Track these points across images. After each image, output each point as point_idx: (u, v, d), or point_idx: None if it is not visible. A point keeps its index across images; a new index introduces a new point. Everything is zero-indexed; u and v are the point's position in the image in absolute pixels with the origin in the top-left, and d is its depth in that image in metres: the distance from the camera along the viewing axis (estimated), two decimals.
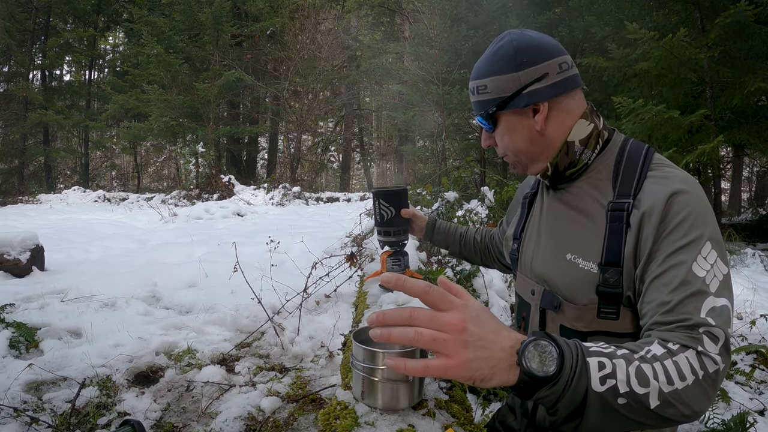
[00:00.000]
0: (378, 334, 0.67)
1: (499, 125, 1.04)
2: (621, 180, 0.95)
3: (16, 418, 2.11)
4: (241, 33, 15.73)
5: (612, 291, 0.92)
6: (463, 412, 0.89)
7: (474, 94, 1.05)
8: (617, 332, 0.94)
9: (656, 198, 0.87)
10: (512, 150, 1.05)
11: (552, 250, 1.05)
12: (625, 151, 1.00)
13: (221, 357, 2.84)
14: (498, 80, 1.00)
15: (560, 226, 1.05)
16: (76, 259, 5.19)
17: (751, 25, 5.28)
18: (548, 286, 1.05)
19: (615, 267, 0.91)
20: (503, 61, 0.99)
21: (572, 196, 1.04)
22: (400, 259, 1.58)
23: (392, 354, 0.80)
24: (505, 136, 1.04)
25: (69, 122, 16.84)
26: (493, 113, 1.02)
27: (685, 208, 0.85)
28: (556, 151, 1.01)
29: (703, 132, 5.95)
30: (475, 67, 1.05)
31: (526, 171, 1.09)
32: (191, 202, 12.22)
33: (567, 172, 1.03)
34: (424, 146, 14.34)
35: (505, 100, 0.99)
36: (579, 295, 0.97)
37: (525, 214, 1.21)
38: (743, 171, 11.89)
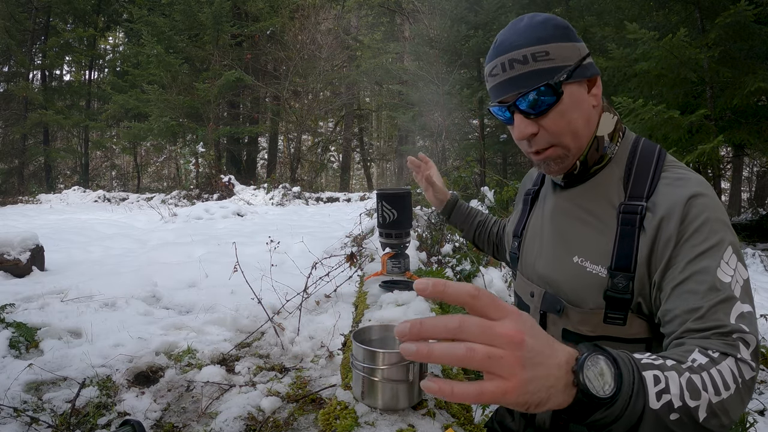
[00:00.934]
0: (414, 351, 0.51)
1: (563, 100, 0.89)
2: (633, 180, 0.91)
3: (16, 418, 2.11)
4: (241, 33, 15.73)
5: (620, 296, 0.88)
6: (463, 412, 0.89)
7: (526, 62, 0.88)
8: (624, 338, 0.90)
9: (674, 201, 0.84)
10: (570, 133, 0.91)
11: (558, 252, 1.00)
12: (638, 150, 0.95)
13: (221, 357, 2.84)
14: (560, 47, 0.89)
15: (567, 226, 0.99)
16: (76, 259, 5.19)
17: (751, 25, 5.28)
18: (551, 288, 1.00)
19: (625, 272, 0.87)
20: (559, 29, 0.90)
21: (581, 196, 0.98)
22: (400, 261, 1.58)
23: (394, 354, 0.80)
24: (567, 113, 0.90)
25: (69, 122, 16.84)
26: (562, 82, 0.88)
27: (704, 211, 0.82)
28: (587, 147, 0.95)
29: (703, 132, 5.95)
30: (516, 37, 0.90)
31: (562, 169, 0.97)
32: (191, 202, 12.22)
33: (593, 168, 0.97)
34: (424, 146, 14.34)
35: (572, 68, 0.88)
36: (585, 300, 0.93)
37: (527, 211, 1.15)
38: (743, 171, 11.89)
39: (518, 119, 0.91)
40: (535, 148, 0.94)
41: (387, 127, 22.68)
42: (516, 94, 0.89)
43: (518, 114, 0.91)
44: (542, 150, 0.94)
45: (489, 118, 11.21)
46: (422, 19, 11.99)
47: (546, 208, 1.07)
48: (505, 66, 0.90)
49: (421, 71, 10.65)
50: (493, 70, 0.92)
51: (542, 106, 0.89)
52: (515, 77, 0.89)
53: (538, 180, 1.16)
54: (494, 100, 0.95)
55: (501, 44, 0.91)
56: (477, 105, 10.35)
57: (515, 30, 0.91)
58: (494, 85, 0.93)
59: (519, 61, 0.88)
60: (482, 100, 10.15)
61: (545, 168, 0.97)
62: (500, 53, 0.91)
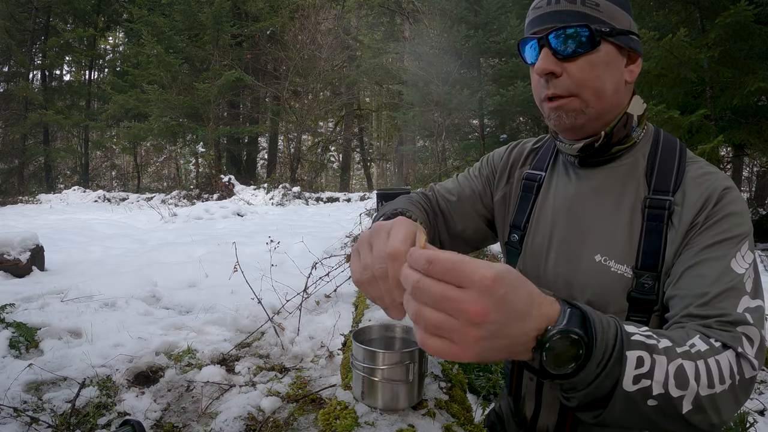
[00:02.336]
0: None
1: (596, 53, 0.83)
2: (657, 174, 0.87)
3: (16, 418, 2.11)
4: (241, 33, 15.73)
5: (645, 298, 0.82)
6: (463, 412, 0.89)
7: (574, 2, 0.83)
8: None
9: (706, 193, 0.81)
10: (594, 88, 0.84)
11: (577, 250, 0.91)
12: (659, 142, 0.91)
13: (221, 357, 2.84)
14: (612, 7, 0.85)
15: (588, 220, 0.91)
16: (76, 259, 5.19)
17: (751, 25, 5.28)
18: (569, 290, 0.91)
19: (651, 272, 0.82)
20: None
21: (603, 187, 0.91)
22: None
23: (394, 354, 0.80)
24: (597, 69, 0.84)
25: (69, 122, 16.84)
26: (602, 35, 0.83)
27: (733, 203, 0.81)
28: (616, 119, 0.88)
29: (703, 132, 5.94)
30: None
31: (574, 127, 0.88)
32: (191, 202, 12.22)
33: (614, 147, 0.90)
34: (424, 146, 14.34)
35: (618, 29, 0.84)
36: (609, 303, 0.85)
37: (531, 199, 1.02)
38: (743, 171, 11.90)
39: (544, 53, 0.84)
40: (552, 90, 0.85)
41: (387, 127, 22.68)
42: (552, 27, 0.83)
43: (546, 49, 0.84)
44: (558, 96, 0.85)
45: (489, 118, 11.21)
46: (422, 19, 11.99)
47: (559, 198, 0.97)
48: (551, 0, 0.84)
49: (421, 71, 10.65)
50: (538, 2, 0.87)
51: (573, 48, 0.82)
52: (557, 11, 0.83)
53: (543, 164, 1.04)
54: (528, 33, 0.88)
55: None
56: (477, 105, 10.35)
57: None
58: (534, 17, 0.87)
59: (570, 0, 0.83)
60: (482, 100, 10.15)
61: (555, 120, 0.87)
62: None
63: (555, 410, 0.97)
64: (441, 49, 10.31)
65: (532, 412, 1.01)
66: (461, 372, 1.03)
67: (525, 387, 1.03)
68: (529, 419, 1.02)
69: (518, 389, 1.05)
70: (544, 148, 1.07)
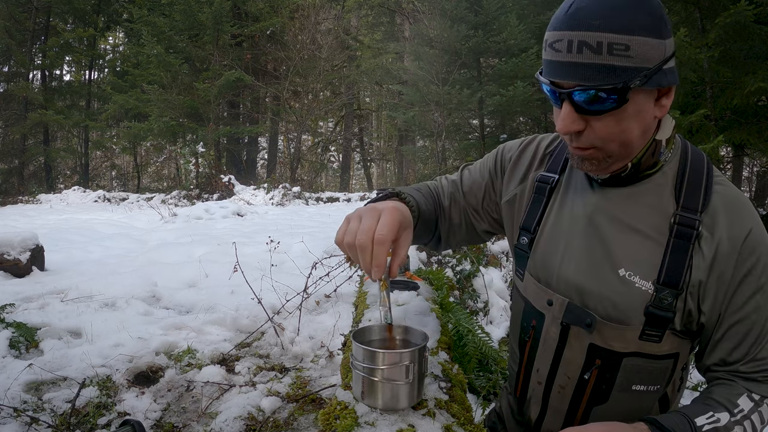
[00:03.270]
0: None
1: (627, 106, 0.76)
2: (686, 191, 0.84)
3: (16, 418, 2.11)
4: (241, 33, 15.72)
5: (662, 314, 0.82)
6: (463, 412, 0.89)
7: (599, 52, 0.72)
8: (655, 354, 0.87)
9: (735, 233, 0.80)
10: (620, 141, 0.79)
11: (599, 261, 0.89)
12: (688, 157, 0.88)
13: (221, 357, 2.84)
14: (645, 44, 0.72)
15: (612, 233, 0.88)
16: (76, 259, 5.19)
17: (751, 25, 5.27)
18: (583, 299, 0.89)
19: (673, 288, 0.82)
20: (650, 18, 0.72)
21: (629, 200, 0.87)
22: None
23: (394, 354, 0.80)
24: (624, 122, 0.77)
25: (69, 122, 16.83)
26: (632, 89, 0.73)
27: (758, 247, 0.81)
28: (642, 150, 0.84)
29: (703, 132, 5.94)
30: (596, 12, 0.72)
31: (597, 171, 0.85)
32: (191, 202, 12.22)
33: (643, 173, 0.87)
34: (424, 146, 14.34)
35: (650, 73, 0.73)
36: (627, 316, 0.85)
37: (543, 202, 0.99)
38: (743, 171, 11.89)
39: (567, 110, 0.78)
40: (576, 144, 0.82)
41: (387, 127, 22.67)
42: (575, 84, 0.75)
43: (569, 105, 0.78)
44: (583, 148, 0.82)
45: (489, 118, 11.21)
46: (422, 19, 11.99)
47: (577, 205, 0.93)
48: (572, 46, 0.73)
49: (421, 71, 10.65)
50: (556, 43, 0.76)
51: (599, 107, 0.76)
52: (580, 65, 0.73)
53: (557, 167, 1.00)
54: (547, 76, 0.80)
55: (575, 15, 0.73)
56: (477, 105, 10.35)
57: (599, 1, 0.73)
58: (553, 60, 0.77)
59: (590, 47, 0.72)
60: (482, 100, 10.15)
61: (579, 163, 0.85)
62: (571, 27, 0.73)
63: (561, 416, 0.97)
64: (441, 49, 10.30)
65: (537, 416, 1.01)
66: (461, 372, 1.03)
67: (531, 390, 1.03)
68: (534, 422, 1.03)
69: (524, 391, 1.05)
70: (559, 149, 1.03)
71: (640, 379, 0.89)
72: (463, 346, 1.99)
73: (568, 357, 0.94)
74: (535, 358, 1.00)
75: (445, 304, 1.78)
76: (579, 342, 0.91)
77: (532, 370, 1.01)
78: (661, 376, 0.89)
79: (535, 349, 0.99)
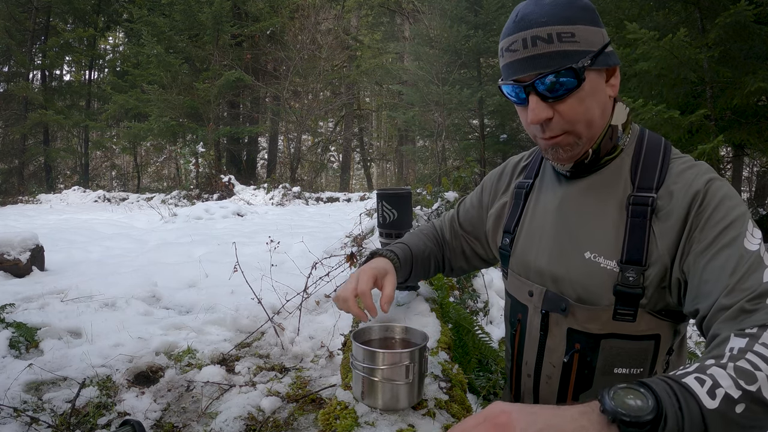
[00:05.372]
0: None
1: (584, 86, 0.84)
2: (641, 172, 0.89)
3: (16, 418, 2.11)
4: (241, 33, 15.72)
5: (630, 291, 0.85)
6: (463, 412, 0.89)
7: (551, 42, 0.82)
8: (633, 335, 0.88)
9: (694, 186, 0.83)
10: (585, 120, 0.87)
11: (565, 248, 0.95)
12: (644, 141, 0.94)
13: (221, 357, 2.84)
14: (587, 30, 0.84)
15: (577, 220, 0.94)
16: (76, 259, 5.19)
17: (751, 25, 5.27)
18: (558, 286, 0.95)
19: (636, 265, 0.85)
20: (585, 11, 0.85)
21: (591, 188, 0.94)
22: None
23: (393, 354, 0.80)
24: (586, 100, 0.85)
25: (69, 122, 16.83)
26: (586, 68, 0.83)
27: (720, 190, 0.82)
28: (600, 135, 0.91)
29: (703, 132, 5.94)
30: (541, 13, 0.84)
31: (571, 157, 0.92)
32: (191, 202, 12.22)
33: (603, 159, 0.93)
34: (424, 146, 14.35)
35: (596, 54, 0.84)
36: (598, 297, 0.89)
37: (520, 205, 1.07)
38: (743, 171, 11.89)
39: (534, 102, 0.85)
40: (548, 133, 0.88)
41: (387, 127, 22.68)
42: (535, 75, 0.84)
43: (534, 96, 0.85)
44: (554, 136, 0.88)
45: (489, 118, 11.21)
46: (422, 19, 12.00)
47: (548, 201, 1.01)
48: (527, 42, 0.83)
49: (421, 71, 10.65)
50: (512, 45, 0.86)
51: (561, 90, 0.84)
52: (537, 56, 0.83)
53: (531, 173, 1.09)
54: (508, 77, 0.88)
55: (523, 19, 0.84)
56: (477, 105, 10.35)
57: (540, 5, 0.84)
58: (512, 61, 0.86)
59: (543, 39, 0.82)
60: (482, 100, 10.15)
61: (553, 154, 0.92)
62: (522, 28, 0.84)
63: None
64: (441, 49, 10.31)
65: None
66: (461, 372, 1.04)
67: (523, 385, 1.05)
68: None
69: (518, 388, 1.08)
70: (533, 158, 1.13)
71: (621, 362, 0.90)
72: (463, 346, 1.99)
73: (550, 345, 0.97)
74: (523, 351, 1.04)
75: (445, 304, 1.78)
76: (558, 328, 0.95)
77: (522, 364, 1.05)
78: (642, 357, 0.90)
79: (523, 343, 1.04)
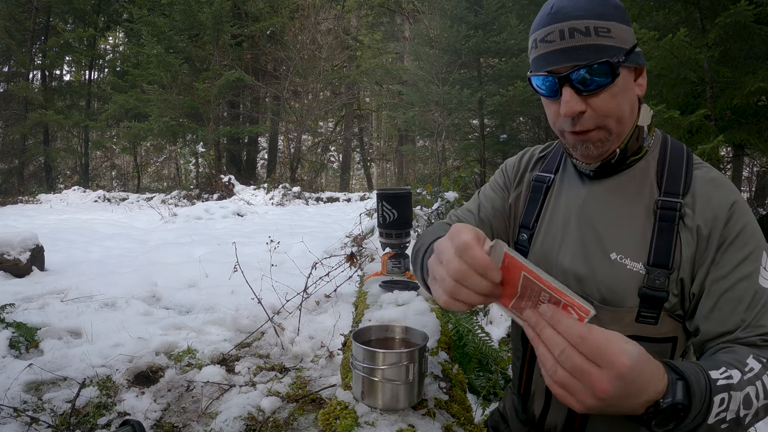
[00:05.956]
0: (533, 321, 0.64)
1: (617, 82, 0.84)
2: (667, 176, 0.91)
3: (16, 418, 2.11)
4: (241, 33, 15.71)
5: (655, 294, 0.86)
6: (463, 412, 0.89)
7: (588, 34, 0.82)
8: (654, 337, 0.89)
9: (718, 205, 0.86)
10: (617, 115, 0.87)
11: (591, 248, 0.94)
12: (668, 145, 0.95)
13: (221, 357, 2.84)
14: (620, 28, 0.85)
15: (603, 221, 0.94)
16: (76, 259, 5.19)
17: (751, 25, 5.27)
18: (581, 286, 0.94)
19: (663, 269, 0.86)
20: (618, 10, 0.86)
21: (617, 189, 0.94)
22: (400, 261, 1.59)
23: (393, 354, 0.80)
24: (618, 96, 0.86)
25: (69, 122, 16.82)
26: (620, 63, 0.83)
27: (742, 217, 0.85)
28: (628, 135, 0.91)
29: (703, 132, 5.94)
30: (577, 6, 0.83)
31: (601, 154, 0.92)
32: (191, 202, 12.22)
33: (629, 159, 0.93)
34: (424, 146, 14.34)
35: (628, 52, 0.85)
36: (623, 298, 0.89)
37: (540, 200, 1.05)
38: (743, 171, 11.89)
39: (568, 94, 0.84)
40: (579, 128, 0.87)
41: (387, 127, 22.67)
42: (571, 66, 0.83)
43: (569, 88, 0.84)
44: (585, 131, 0.87)
45: (489, 118, 11.21)
46: (422, 19, 11.99)
47: (571, 199, 1.00)
48: (564, 33, 0.83)
49: (421, 71, 10.65)
50: (548, 35, 0.84)
51: (595, 84, 0.83)
52: (574, 48, 0.82)
53: (551, 167, 1.07)
54: (541, 68, 0.87)
55: (559, 11, 0.84)
56: (477, 105, 10.35)
57: (574, 0, 0.84)
58: (547, 52, 0.85)
59: (580, 32, 0.82)
60: (482, 100, 10.15)
61: (583, 151, 0.90)
62: (558, 20, 0.83)
63: (565, 408, 0.98)
64: (441, 49, 10.30)
65: (540, 411, 1.02)
66: (461, 372, 1.04)
67: (535, 384, 1.03)
68: (537, 417, 1.03)
69: (527, 388, 1.05)
70: (552, 152, 1.10)
71: None
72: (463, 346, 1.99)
73: None
74: None
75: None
76: None
77: (536, 364, 1.02)
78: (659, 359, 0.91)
79: None
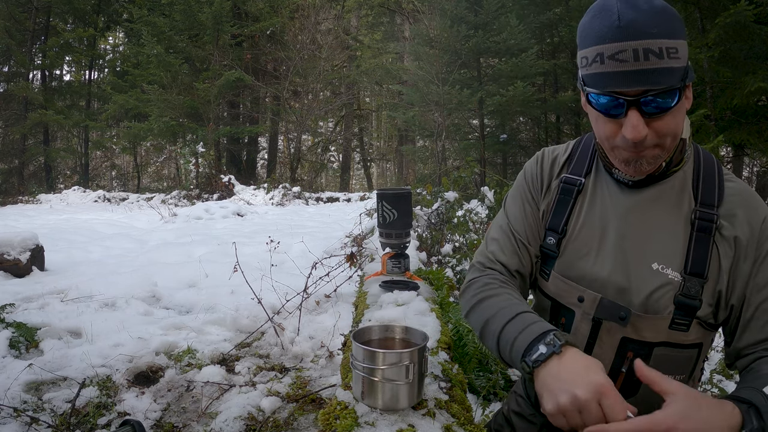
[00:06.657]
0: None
1: (680, 101, 0.83)
2: (702, 187, 0.93)
3: (16, 418, 2.11)
4: (241, 33, 15.71)
5: (690, 303, 0.89)
6: (463, 412, 0.89)
7: (662, 57, 0.78)
8: (682, 343, 0.92)
9: (753, 220, 0.90)
10: (673, 134, 0.85)
11: (633, 258, 0.94)
12: (700, 155, 0.97)
13: (221, 357, 2.84)
14: (684, 45, 0.81)
15: (644, 231, 0.94)
16: (76, 259, 5.19)
17: (751, 25, 5.28)
18: (622, 296, 0.93)
19: (698, 277, 0.89)
20: (682, 24, 0.82)
21: (658, 199, 0.94)
22: (400, 261, 1.59)
23: (393, 354, 0.80)
24: (677, 116, 0.84)
25: (69, 122, 16.82)
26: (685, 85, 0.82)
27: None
28: (674, 148, 0.90)
29: (703, 132, 5.95)
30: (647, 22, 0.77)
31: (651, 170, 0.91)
32: (191, 202, 12.22)
33: (671, 170, 0.94)
34: (424, 146, 14.34)
35: (687, 68, 0.83)
36: (661, 307, 0.91)
37: (570, 203, 1.02)
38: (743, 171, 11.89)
39: (636, 118, 0.81)
40: (641, 148, 0.85)
41: (387, 127, 22.67)
42: (643, 91, 0.80)
43: (636, 112, 0.81)
44: (644, 150, 0.86)
45: (489, 118, 11.20)
46: (422, 19, 11.99)
47: (608, 208, 0.98)
48: (638, 54, 0.77)
49: (421, 71, 10.65)
50: (619, 53, 0.78)
51: (662, 107, 0.81)
52: (648, 71, 0.78)
53: (580, 170, 1.03)
54: (607, 86, 0.82)
55: (630, 25, 0.78)
56: (477, 105, 10.35)
57: (641, 12, 0.78)
58: (617, 72, 0.80)
59: (655, 54, 0.77)
60: (482, 100, 10.15)
61: (636, 167, 0.88)
62: (632, 37, 0.77)
63: None
64: (441, 49, 10.30)
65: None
66: (461, 372, 1.04)
67: None
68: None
69: None
70: (579, 153, 1.06)
71: (668, 369, 0.91)
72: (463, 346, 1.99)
73: (598, 353, 0.96)
74: None
75: (445, 304, 1.78)
76: (610, 336, 0.95)
77: None
78: (686, 364, 0.95)
79: None
